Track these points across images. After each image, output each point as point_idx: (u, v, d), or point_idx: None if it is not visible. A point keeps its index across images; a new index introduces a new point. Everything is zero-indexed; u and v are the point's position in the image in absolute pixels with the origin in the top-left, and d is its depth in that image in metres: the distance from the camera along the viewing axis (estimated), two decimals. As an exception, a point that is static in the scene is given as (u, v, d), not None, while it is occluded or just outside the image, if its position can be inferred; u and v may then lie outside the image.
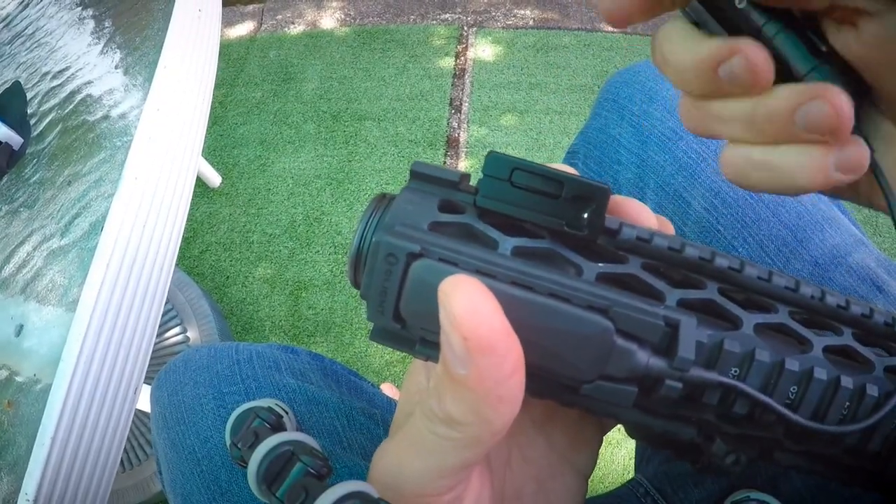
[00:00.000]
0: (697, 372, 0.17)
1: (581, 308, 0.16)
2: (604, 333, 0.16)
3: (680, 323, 0.16)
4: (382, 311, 0.17)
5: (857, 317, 0.19)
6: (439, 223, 0.18)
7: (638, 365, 0.16)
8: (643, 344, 0.16)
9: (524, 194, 0.18)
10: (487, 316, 0.14)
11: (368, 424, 0.39)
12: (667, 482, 0.41)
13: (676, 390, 0.16)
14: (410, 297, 0.16)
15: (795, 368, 0.17)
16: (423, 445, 0.16)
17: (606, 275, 0.18)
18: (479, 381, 0.14)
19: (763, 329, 0.18)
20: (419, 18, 1.70)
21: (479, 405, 0.14)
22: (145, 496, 0.91)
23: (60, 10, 0.85)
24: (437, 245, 0.16)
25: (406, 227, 0.17)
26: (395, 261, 0.16)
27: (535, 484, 0.23)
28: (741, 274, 0.18)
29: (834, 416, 0.17)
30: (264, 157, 1.40)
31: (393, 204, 0.18)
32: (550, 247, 0.18)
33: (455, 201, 0.19)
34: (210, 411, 0.38)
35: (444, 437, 0.16)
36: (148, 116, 0.60)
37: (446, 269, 0.16)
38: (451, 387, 0.15)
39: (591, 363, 0.16)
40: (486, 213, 0.19)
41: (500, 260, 0.16)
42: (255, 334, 1.16)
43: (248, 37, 1.69)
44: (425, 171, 0.19)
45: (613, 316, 0.16)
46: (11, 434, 0.51)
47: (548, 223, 0.18)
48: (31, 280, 0.59)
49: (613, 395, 0.16)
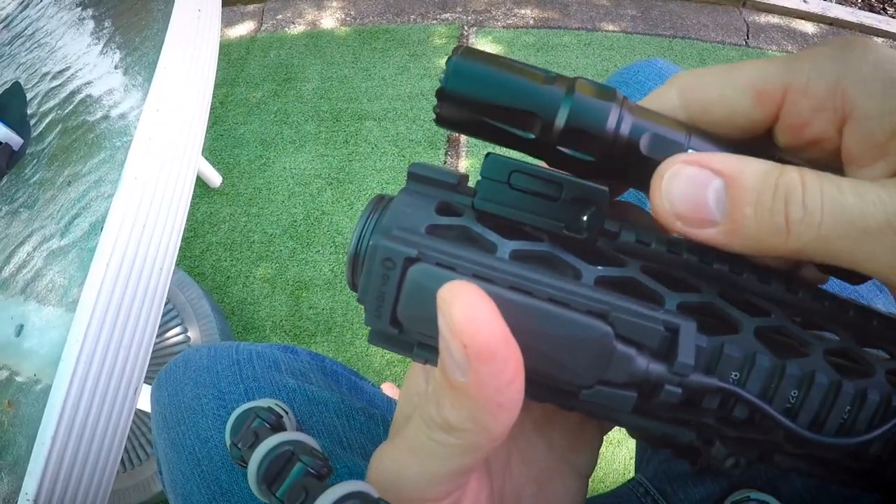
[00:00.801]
0: (697, 377, 0.16)
1: (580, 313, 0.16)
2: (603, 338, 0.16)
3: (679, 328, 0.16)
4: (379, 316, 0.17)
5: (857, 319, 0.19)
6: (437, 226, 0.18)
7: (637, 370, 0.16)
8: (642, 349, 0.16)
9: (523, 196, 0.18)
10: (487, 323, 0.14)
11: (368, 424, 0.39)
12: (667, 482, 0.41)
13: (676, 395, 0.16)
14: (407, 301, 0.16)
15: (796, 373, 0.17)
16: (422, 450, 0.16)
17: (606, 278, 0.18)
18: (479, 388, 0.14)
19: (764, 332, 0.18)
20: (419, 18, 1.70)
21: (479, 412, 0.14)
22: (146, 496, 0.91)
23: (60, 10, 0.85)
24: (434, 249, 0.16)
25: (403, 230, 0.17)
26: (392, 265, 0.16)
27: (534, 485, 0.22)
28: (741, 277, 0.18)
29: (835, 421, 0.17)
30: (265, 157, 1.40)
31: (390, 206, 0.18)
32: (549, 250, 0.18)
33: (453, 203, 0.19)
34: (210, 411, 0.38)
35: (442, 443, 0.16)
36: (148, 116, 0.60)
37: (443, 273, 0.16)
38: (450, 393, 0.14)
39: (591, 368, 0.16)
40: (484, 215, 0.18)
41: (498, 264, 0.16)
42: (255, 334, 1.16)
43: (248, 36, 1.69)
44: (423, 173, 0.19)
45: (613, 321, 0.16)
46: (12, 434, 0.51)
47: (547, 226, 0.18)
48: (31, 280, 0.59)
49: (613, 400, 0.16)
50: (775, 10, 1.73)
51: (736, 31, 1.67)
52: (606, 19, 1.69)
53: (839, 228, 0.15)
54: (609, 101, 0.17)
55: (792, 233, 0.15)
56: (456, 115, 0.18)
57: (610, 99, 0.17)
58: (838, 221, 0.15)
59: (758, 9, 1.74)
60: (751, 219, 0.16)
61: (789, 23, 1.71)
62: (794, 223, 0.15)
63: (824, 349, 0.18)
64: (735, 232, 0.16)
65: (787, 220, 0.15)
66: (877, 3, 1.82)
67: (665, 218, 0.17)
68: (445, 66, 0.17)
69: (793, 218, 0.15)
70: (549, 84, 0.17)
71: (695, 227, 0.16)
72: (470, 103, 0.17)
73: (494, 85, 0.17)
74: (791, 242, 0.16)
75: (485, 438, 0.15)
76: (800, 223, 0.15)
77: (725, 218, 0.16)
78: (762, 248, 0.16)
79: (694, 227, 0.16)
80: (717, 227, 0.16)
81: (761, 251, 0.16)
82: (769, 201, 0.16)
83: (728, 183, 0.16)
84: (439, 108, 0.18)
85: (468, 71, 0.17)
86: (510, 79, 0.17)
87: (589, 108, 0.17)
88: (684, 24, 1.69)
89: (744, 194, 0.16)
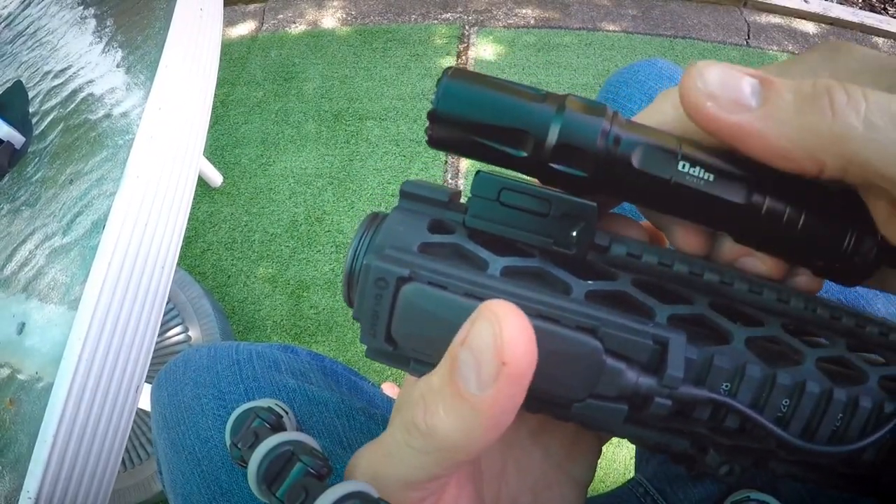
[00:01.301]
0: (687, 389, 0.17)
1: (570, 329, 0.16)
2: (593, 353, 0.16)
3: (669, 341, 0.16)
4: (375, 334, 0.17)
5: (850, 326, 0.19)
6: (429, 244, 0.18)
7: (627, 384, 0.16)
8: (632, 363, 0.16)
9: (513, 213, 0.18)
10: (531, 348, 0.14)
11: (368, 424, 0.39)
12: (667, 482, 0.41)
13: (666, 407, 0.16)
14: (401, 320, 0.17)
15: (787, 382, 0.17)
16: (396, 456, 0.16)
17: (596, 293, 0.18)
18: (493, 404, 0.14)
19: (755, 342, 0.18)
20: (420, 18, 1.70)
21: (475, 426, 0.14)
22: (146, 495, 0.91)
23: (62, 9, 0.85)
24: (426, 268, 0.17)
25: (396, 249, 0.17)
26: (385, 285, 0.17)
27: (530, 495, 0.22)
28: (731, 287, 0.18)
29: (827, 429, 0.17)
30: (266, 157, 1.40)
31: (383, 225, 0.19)
32: (540, 265, 0.18)
33: (445, 221, 0.19)
34: (210, 411, 0.38)
35: (419, 450, 0.16)
36: (150, 115, 0.60)
37: (436, 292, 0.16)
38: (453, 402, 0.14)
39: (581, 383, 0.16)
40: (475, 232, 0.19)
41: (489, 282, 0.17)
42: (256, 334, 1.16)
43: (249, 36, 1.69)
44: (415, 191, 0.19)
45: (602, 336, 0.16)
46: (13, 432, 0.51)
47: (537, 242, 0.18)
48: (32, 278, 0.59)
49: (604, 413, 0.16)
50: (776, 9, 1.73)
51: (737, 30, 1.67)
52: (607, 19, 1.69)
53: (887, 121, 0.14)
54: (599, 117, 0.17)
55: (837, 116, 0.14)
56: (448, 136, 0.18)
57: (600, 115, 0.17)
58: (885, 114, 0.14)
59: (759, 9, 1.74)
60: (791, 103, 0.15)
61: (790, 23, 1.71)
62: (840, 105, 0.14)
63: (816, 357, 0.18)
64: (773, 116, 0.15)
65: (831, 102, 0.14)
66: (878, 3, 1.82)
67: (695, 98, 0.16)
68: (436, 89, 0.18)
69: (837, 101, 0.14)
70: (540, 102, 0.17)
71: (727, 110, 0.15)
72: (462, 124, 0.17)
73: (486, 105, 0.17)
74: (836, 127, 0.14)
75: (463, 452, 0.15)
76: (845, 106, 0.14)
77: (762, 102, 0.15)
78: (802, 141, 0.15)
79: (726, 112, 0.15)
80: (752, 112, 0.15)
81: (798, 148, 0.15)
82: (810, 89, 0.15)
83: (763, 82, 0.15)
84: (431, 130, 0.18)
85: (459, 92, 0.17)
86: (501, 98, 0.17)
87: (580, 124, 0.17)
88: (685, 23, 1.69)
89: (781, 87, 0.15)
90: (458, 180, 1.33)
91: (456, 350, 0.14)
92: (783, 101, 0.15)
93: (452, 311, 0.16)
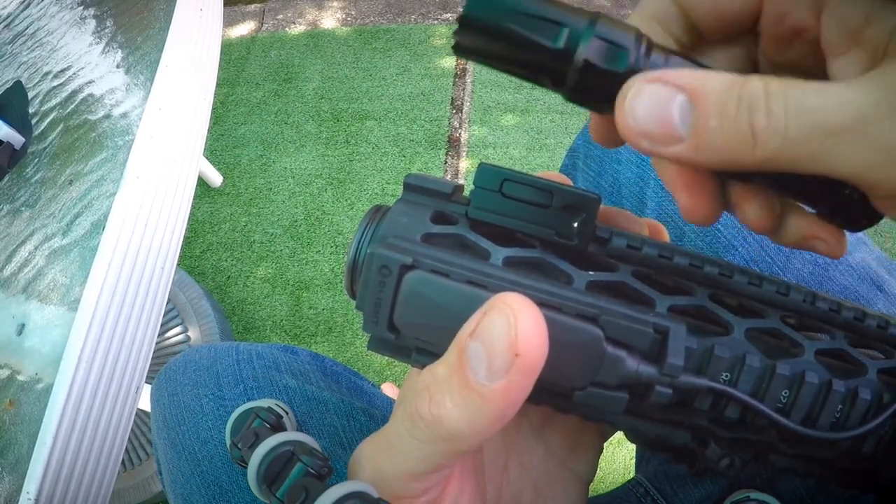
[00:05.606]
0: (687, 378, 0.17)
1: (571, 317, 0.16)
2: (594, 341, 0.16)
3: (669, 330, 0.17)
4: (377, 322, 0.17)
5: (849, 320, 0.19)
6: (432, 234, 0.18)
7: (628, 372, 0.16)
8: (633, 351, 0.16)
9: (515, 204, 0.18)
10: (544, 341, 0.14)
11: (368, 424, 0.39)
12: (667, 482, 0.41)
13: (667, 396, 0.17)
14: (404, 307, 0.17)
15: (787, 373, 0.17)
16: (398, 448, 0.16)
17: (597, 283, 0.18)
18: (502, 395, 0.14)
19: (754, 334, 0.18)
20: (420, 18, 1.70)
21: (481, 416, 0.14)
22: (146, 496, 0.91)
23: (62, 9, 0.85)
24: (429, 256, 0.17)
25: (399, 239, 0.18)
26: (388, 272, 0.17)
27: (533, 491, 0.22)
28: (731, 280, 0.19)
29: (826, 420, 0.17)
30: (265, 157, 1.40)
31: (387, 216, 0.19)
32: (541, 256, 0.18)
33: (448, 212, 0.19)
34: (210, 412, 0.38)
35: (422, 440, 0.16)
36: (149, 116, 0.60)
37: (438, 280, 0.16)
38: (461, 392, 0.15)
39: (582, 371, 0.16)
40: (478, 223, 0.19)
41: (491, 270, 0.17)
42: (256, 334, 1.16)
43: (249, 36, 1.69)
44: (419, 184, 0.20)
45: (603, 324, 0.16)
46: (13, 433, 0.51)
47: (538, 233, 0.18)
48: (32, 279, 0.59)
49: (605, 401, 0.16)
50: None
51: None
52: (607, 19, 1.69)
53: (805, 132, 0.15)
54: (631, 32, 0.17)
55: (758, 141, 0.15)
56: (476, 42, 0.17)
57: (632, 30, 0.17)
58: (803, 125, 0.15)
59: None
60: (716, 131, 0.15)
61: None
62: (760, 131, 0.15)
63: (816, 349, 0.18)
64: (702, 146, 0.16)
65: (752, 128, 0.15)
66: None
67: (632, 137, 0.16)
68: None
69: (758, 126, 0.15)
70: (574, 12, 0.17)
71: (661, 144, 0.16)
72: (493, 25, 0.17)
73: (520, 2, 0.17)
74: (758, 151, 0.15)
75: (466, 443, 0.15)
76: (765, 130, 0.15)
77: (691, 132, 0.16)
78: (730, 160, 0.16)
79: (660, 145, 0.16)
80: (683, 143, 0.16)
81: (729, 164, 0.16)
82: (733, 111, 0.15)
83: (691, 97, 0.16)
84: (459, 37, 0.17)
85: None
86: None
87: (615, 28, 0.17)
88: (685, 24, 1.69)
89: (707, 107, 0.15)
90: (458, 180, 1.34)
91: (465, 341, 0.14)
92: (708, 129, 0.15)
93: (455, 299, 0.16)
